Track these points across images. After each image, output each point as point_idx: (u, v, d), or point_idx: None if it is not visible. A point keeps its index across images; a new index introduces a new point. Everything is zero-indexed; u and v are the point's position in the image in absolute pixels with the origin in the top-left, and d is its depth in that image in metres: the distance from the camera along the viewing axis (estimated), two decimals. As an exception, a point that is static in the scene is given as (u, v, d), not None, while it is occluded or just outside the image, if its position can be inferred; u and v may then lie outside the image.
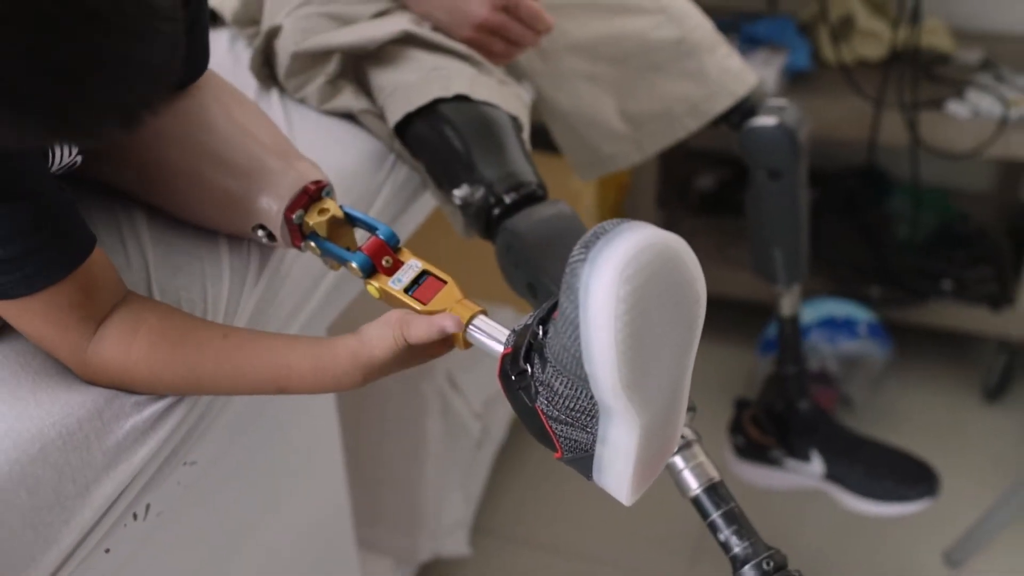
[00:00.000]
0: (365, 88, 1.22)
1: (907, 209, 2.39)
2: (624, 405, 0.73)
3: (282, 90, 1.25)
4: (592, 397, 0.76)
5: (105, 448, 0.84)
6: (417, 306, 0.89)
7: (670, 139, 1.51)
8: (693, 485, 1.02)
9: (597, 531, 2.01)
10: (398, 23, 1.18)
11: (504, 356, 0.84)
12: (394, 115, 1.16)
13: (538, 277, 1.07)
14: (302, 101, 1.24)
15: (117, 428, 0.85)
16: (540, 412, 0.86)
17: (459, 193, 1.13)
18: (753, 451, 1.80)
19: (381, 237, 0.92)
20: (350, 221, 0.96)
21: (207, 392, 0.89)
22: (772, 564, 0.98)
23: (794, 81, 2.20)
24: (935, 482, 1.72)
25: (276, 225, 0.95)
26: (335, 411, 1.36)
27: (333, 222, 0.95)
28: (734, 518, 1.00)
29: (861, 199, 2.38)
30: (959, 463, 2.14)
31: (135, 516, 0.95)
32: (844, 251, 2.30)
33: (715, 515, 1.01)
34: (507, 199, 1.11)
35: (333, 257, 0.95)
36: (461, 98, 1.14)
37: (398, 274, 0.91)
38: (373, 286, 0.91)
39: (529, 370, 0.83)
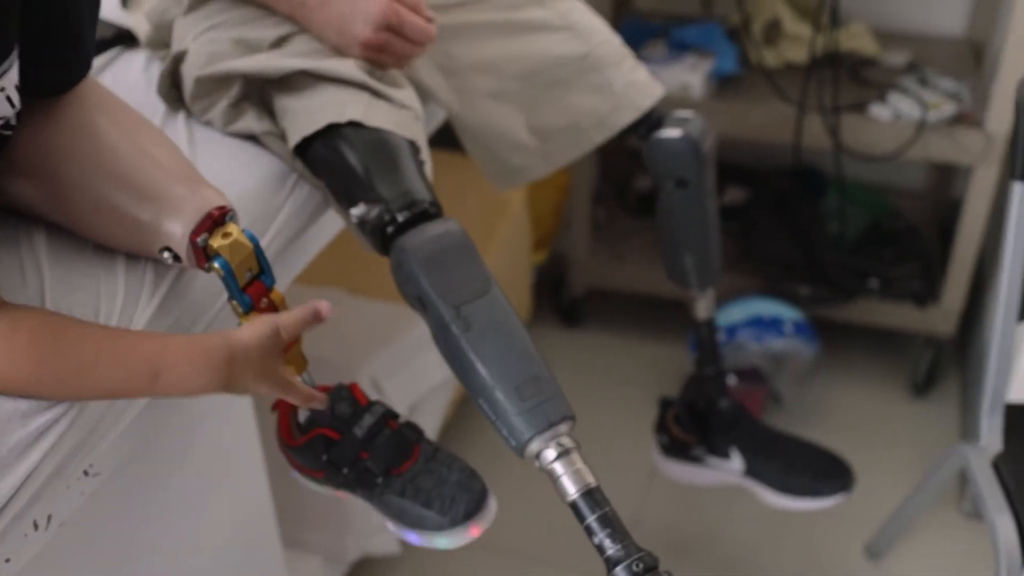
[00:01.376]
0: (269, 110, 1.26)
1: (839, 207, 2.45)
2: None
3: (189, 112, 1.29)
4: None
5: (-11, 465, 0.88)
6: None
7: (577, 152, 1.56)
8: (571, 490, 1.06)
9: (529, 529, 2.06)
10: (296, 59, 1.22)
11: (323, 436, 1.16)
12: (293, 138, 1.20)
13: (426, 292, 1.11)
14: (208, 124, 1.28)
15: (1, 444, 0.89)
16: (315, 474, 1.20)
17: (355, 212, 1.17)
18: (676, 449, 1.86)
19: (263, 280, 1.05)
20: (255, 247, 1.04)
21: (89, 389, 0.93)
22: (642, 566, 1.03)
23: (722, 85, 2.25)
24: (850, 478, 1.77)
25: (182, 248, 1.00)
26: (253, 414, 1.40)
27: (238, 249, 1.01)
28: (608, 522, 1.05)
29: (793, 198, 2.44)
30: (886, 457, 2.21)
31: (36, 526, 0.99)
32: (775, 250, 2.35)
33: (590, 519, 1.05)
34: (400, 217, 1.15)
35: (228, 288, 1.03)
36: (357, 123, 1.19)
37: None
38: (246, 320, 1.04)
39: (345, 472, 1.16)
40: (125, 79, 1.38)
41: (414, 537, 1.20)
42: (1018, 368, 1.86)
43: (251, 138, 1.27)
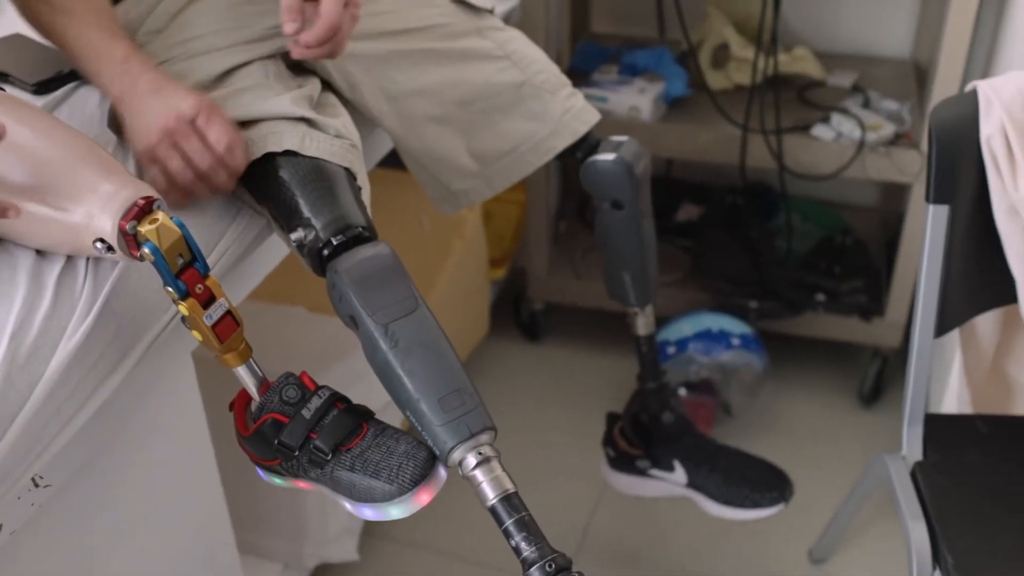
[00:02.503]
0: None
1: (795, 224, 2.53)
2: None
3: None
4: None
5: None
6: (216, 343, 1.11)
7: (517, 175, 1.64)
8: (490, 496, 1.14)
9: (491, 537, 2.12)
10: (235, 109, 1.29)
11: (273, 420, 1.18)
12: None
13: (357, 310, 1.19)
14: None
15: None
16: (271, 463, 1.21)
17: (294, 236, 1.25)
18: (623, 462, 1.93)
19: (197, 268, 1.11)
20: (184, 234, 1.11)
21: None
22: (554, 566, 1.10)
23: (672, 107, 2.33)
24: (788, 488, 1.85)
25: (113, 237, 1.08)
26: (205, 422, 1.46)
27: (166, 233, 1.08)
28: (524, 525, 1.13)
29: (746, 216, 2.51)
30: (833, 465, 2.28)
31: (-14, 534, 1.07)
32: (726, 266, 2.43)
33: (508, 522, 1.13)
34: (335, 241, 1.23)
35: (160, 272, 1.10)
36: (295, 152, 1.27)
37: (211, 310, 1.12)
38: (183, 306, 1.10)
39: (297, 455, 1.18)
40: (82, 112, 1.44)
41: (368, 511, 1.21)
42: (952, 380, 1.94)
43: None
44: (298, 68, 1.44)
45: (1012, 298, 1.58)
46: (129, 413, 1.28)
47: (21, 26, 1.60)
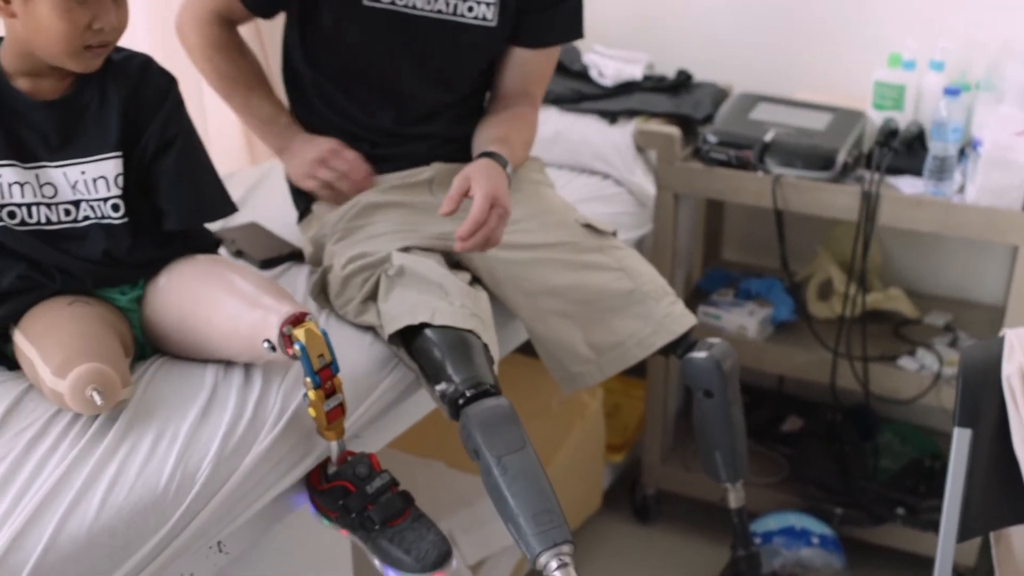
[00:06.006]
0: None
1: (892, 444, 2.82)
2: None
3: (332, 309, 1.82)
4: None
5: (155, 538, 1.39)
6: (325, 422, 1.53)
7: (623, 365, 2.02)
8: None
9: None
10: (395, 252, 1.80)
11: (343, 487, 1.58)
12: (386, 332, 1.72)
13: (478, 445, 1.57)
14: (343, 316, 1.80)
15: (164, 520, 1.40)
16: (329, 513, 1.58)
17: (439, 388, 1.66)
18: None
19: (331, 369, 1.52)
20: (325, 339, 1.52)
21: None
22: None
23: (778, 329, 2.69)
24: None
25: (275, 338, 1.51)
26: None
27: (311, 337, 1.49)
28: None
29: (844, 431, 2.80)
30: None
31: (182, 577, 1.48)
32: (819, 476, 2.71)
33: None
34: (468, 393, 1.63)
35: (303, 365, 1.50)
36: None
37: (330, 400, 1.54)
38: (312, 393, 1.51)
39: (353, 516, 1.56)
40: (293, 283, 1.92)
41: (392, 573, 1.57)
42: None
43: (371, 328, 1.78)
44: (455, 265, 1.87)
45: (1032, 516, 1.85)
46: (288, 509, 1.66)
47: (256, 216, 2.10)
